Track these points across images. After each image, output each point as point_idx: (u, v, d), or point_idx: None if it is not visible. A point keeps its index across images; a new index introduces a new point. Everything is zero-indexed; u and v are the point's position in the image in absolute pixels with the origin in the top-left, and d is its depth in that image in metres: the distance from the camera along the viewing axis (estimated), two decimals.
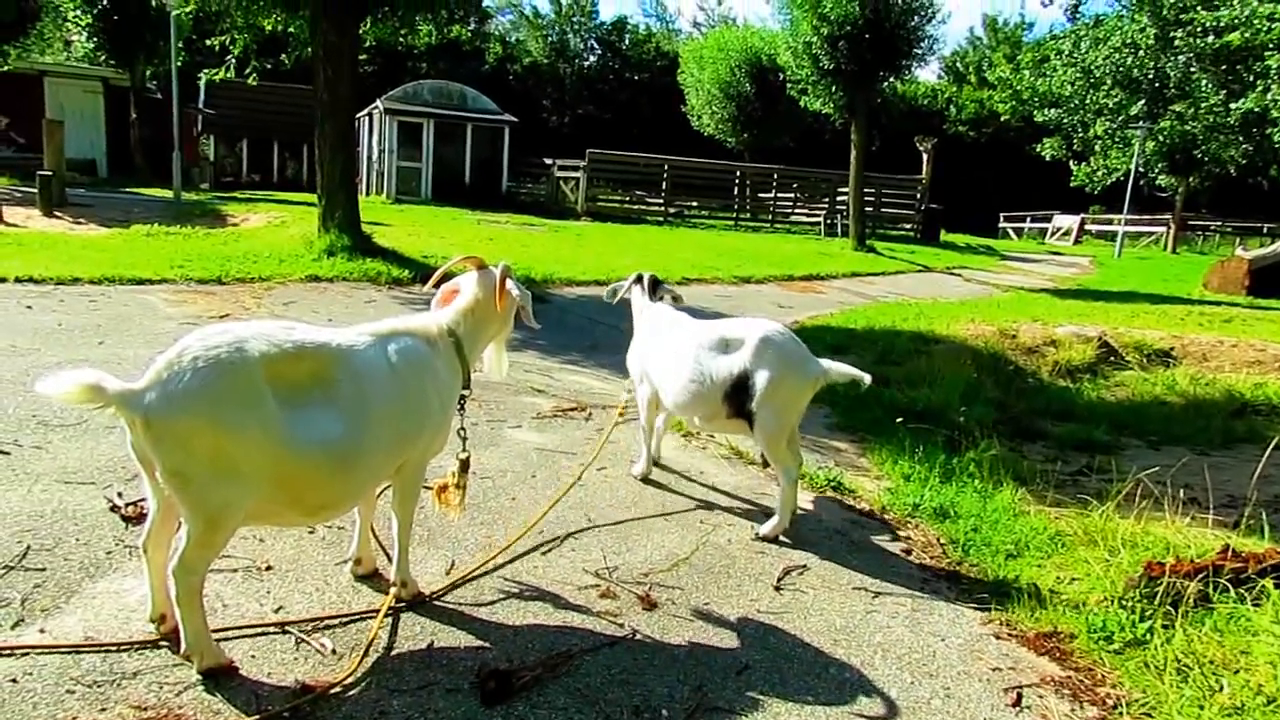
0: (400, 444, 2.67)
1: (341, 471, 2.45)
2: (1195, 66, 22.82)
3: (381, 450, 2.58)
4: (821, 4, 19.08)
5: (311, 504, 2.50)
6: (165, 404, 2.17)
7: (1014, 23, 61.43)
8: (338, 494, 2.52)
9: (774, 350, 3.74)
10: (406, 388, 2.68)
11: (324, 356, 2.47)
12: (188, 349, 2.23)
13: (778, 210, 29.26)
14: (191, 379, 2.18)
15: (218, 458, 2.21)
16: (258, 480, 2.28)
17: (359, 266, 10.23)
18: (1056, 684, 2.82)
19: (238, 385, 2.23)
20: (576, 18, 52.90)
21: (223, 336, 2.28)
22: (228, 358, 2.23)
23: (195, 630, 2.35)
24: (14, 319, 6.49)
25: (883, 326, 9.71)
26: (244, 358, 2.26)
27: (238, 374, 2.24)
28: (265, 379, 2.28)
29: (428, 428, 2.77)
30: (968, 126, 48.45)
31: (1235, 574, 3.15)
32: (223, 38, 12.25)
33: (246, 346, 2.28)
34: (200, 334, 2.29)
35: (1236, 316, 11.96)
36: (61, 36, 27.83)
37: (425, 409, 2.75)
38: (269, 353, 2.32)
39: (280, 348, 2.35)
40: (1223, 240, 36.46)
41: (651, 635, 2.87)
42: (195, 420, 2.18)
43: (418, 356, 2.76)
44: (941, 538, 4.05)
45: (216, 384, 2.20)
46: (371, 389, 2.54)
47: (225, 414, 2.20)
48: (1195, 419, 6.54)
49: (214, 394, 2.19)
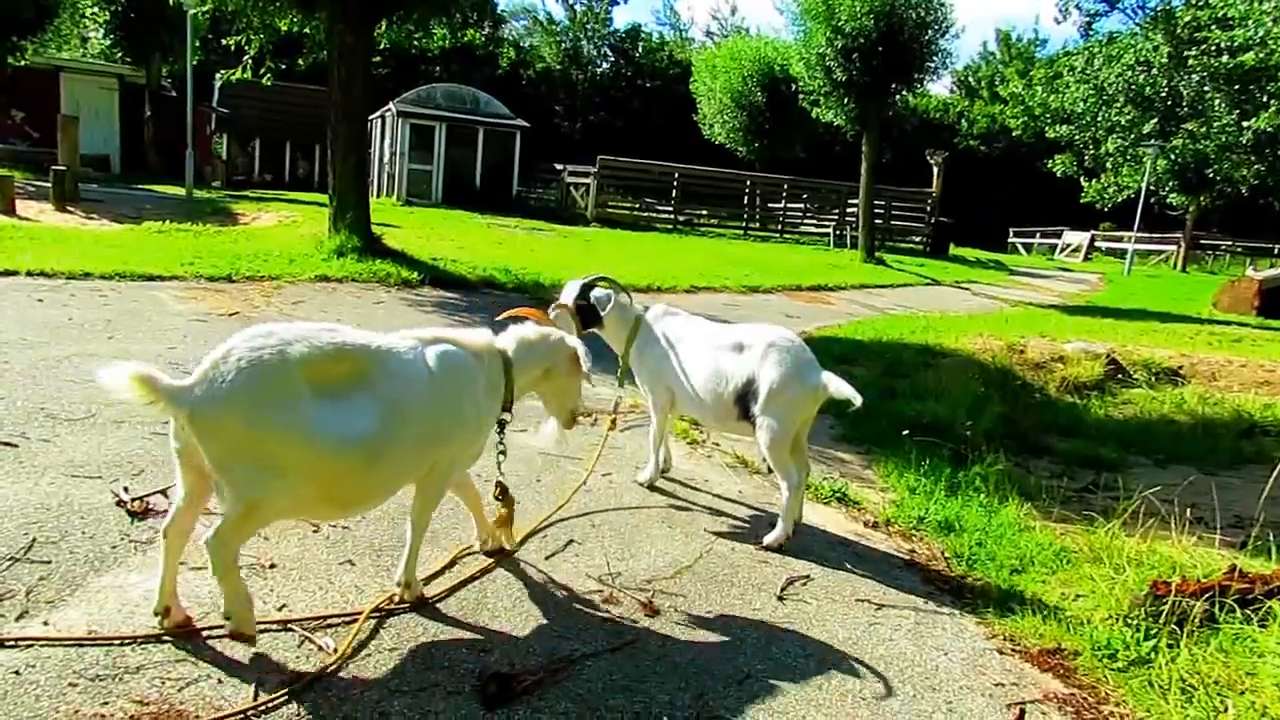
0: (429, 446, 2.75)
1: (370, 467, 2.54)
2: (1209, 85, 22.79)
3: (410, 449, 2.67)
4: (836, 16, 19.11)
5: (343, 499, 2.61)
6: (210, 402, 2.29)
7: (1027, 38, 61.37)
8: (366, 489, 2.63)
9: (780, 356, 3.80)
10: (442, 392, 2.76)
11: (363, 357, 2.58)
12: (233, 350, 2.35)
13: (787, 220, 29.26)
14: (235, 378, 2.30)
15: (258, 452, 2.33)
16: (295, 475, 2.40)
17: (368, 268, 10.26)
18: (1060, 701, 2.81)
19: (277, 384, 2.35)
20: (590, 25, 53.06)
21: (266, 339, 2.39)
22: (269, 358, 2.35)
23: (232, 595, 2.46)
24: (25, 312, 6.53)
25: (890, 339, 9.69)
26: (284, 358, 2.37)
27: (278, 374, 2.35)
28: (304, 379, 2.40)
29: (458, 435, 2.86)
30: (979, 141, 48.45)
31: (1242, 595, 3.13)
32: (239, 38, 12.32)
33: (288, 348, 2.40)
34: (246, 335, 2.40)
35: (1246, 336, 11.92)
36: (78, 33, 27.98)
37: (458, 416, 2.84)
38: (309, 354, 2.43)
39: (321, 349, 2.47)
40: (1233, 260, 36.32)
41: (654, 642, 2.86)
42: (237, 417, 2.30)
43: (458, 365, 2.86)
44: (946, 551, 4.04)
45: (258, 383, 2.32)
46: (406, 390, 2.65)
47: (264, 412, 2.32)
48: (1203, 438, 6.51)
49: (255, 393, 2.31)
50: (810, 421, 4.01)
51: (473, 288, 10.56)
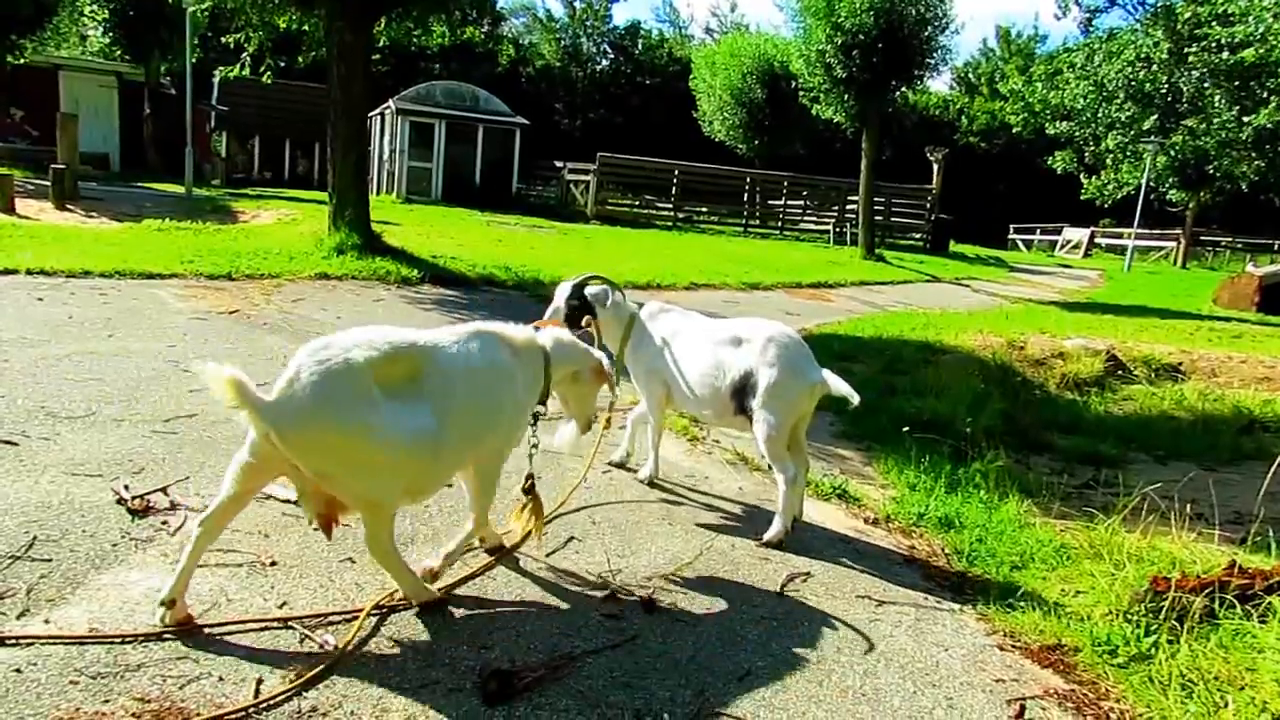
0: (476, 434, 2.92)
1: (433, 458, 2.70)
2: (1209, 82, 22.79)
3: (461, 439, 2.83)
4: (835, 12, 19.10)
5: (417, 489, 2.81)
6: (293, 418, 2.41)
7: (1027, 34, 61.46)
8: (434, 477, 2.83)
9: (778, 351, 3.82)
10: (487, 384, 2.94)
11: (414, 355, 2.73)
12: (301, 367, 2.47)
13: (787, 217, 29.27)
14: (311, 392, 2.43)
15: (350, 454, 2.48)
16: (384, 470, 2.56)
17: (368, 265, 10.26)
18: (1060, 697, 2.81)
19: (351, 390, 2.49)
20: (590, 22, 53.05)
21: (328, 349, 2.52)
22: (338, 367, 2.48)
23: (407, 583, 2.80)
24: (25, 311, 6.53)
25: (890, 335, 9.69)
26: (350, 365, 2.51)
27: (349, 380, 2.49)
28: (373, 381, 2.54)
29: (501, 423, 3.03)
30: (979, 138, 48.46)
31: (1241, 590, 3.14)
32: (238, 35, 12.31)
33: (352, 355, 2.53)
34: (309, 350, 2.53)
35: (1246, 332, 11.93)
36: (77, 31, 27.96)
37: (498, 405, 3.00)
38: (372, 357, 2.57)
39: (380, 351, 2.60)
40: (1233, 256, 36.37)
41: (654, 638, 2.87)
42: (323, 427, 2.43)
43: (496, 357, 3.02)
44: (946, 548, 4.04)
45: (334, 392, 2.45)
46: (456, 384, 2.81)
47: (345, 416, 2.46)
48: (1203, 434, 6.51)
49: (333, 401, 2.45)
50: (809, 418, 4.01)
51: (472, 285, 10.56)
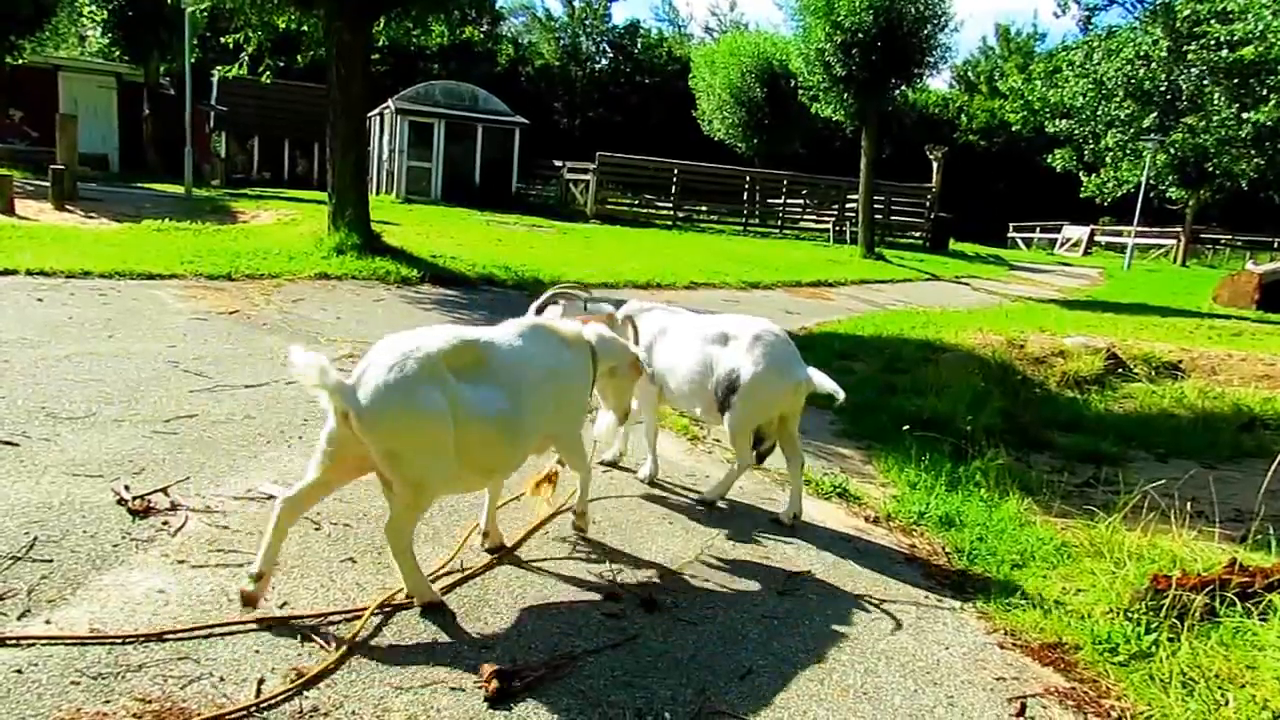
0: (544, 416, 3.13)
1: (509, 438, 2.93)
2: (1208, 79, 22.79)
3: (531, 422, 3.04)
4: (835, 11, 19.08)
5: (488, 467, 2.99)
6: (372, 401, 2.58)
7: (1026, 33, 61.44)
8: (506, 458, 3.03)
9: (763, 349, 3.88)
10: (544, 371, 3.13)
11: (479, 348, 2.93)
12: (379, 353, 2.68)
13: (787, 216, 29.26)
14: (389, 376, 2.61)
15: (421, 436, 2.65)
16: (454, 452, 2.73)
17: (368, 265, 10.26)
18: (1061, 695, 2.81)
19: (429, 376, 2.67)
20: (589, 21, 53.01)
21: (405, 341, 2.72)
22: (415, 356, 2.67)
23: (412, 579, 2.83)
24: (25, 311, 6.53)
25: (890, 334, 9.69)
26: (428, 354, 2.70)
27: (426, 367, 2.68)
28: (447, 368, 2.74)
29: (564, 407, 3.26)
30: (978, 136, 48.44)
31: (1242, 588, 3.14)
32: (237, 35, 12.29)
33: (426, 344, 2.73)
34: (386, 343, 2.74)
35: (1246, 330, 11.93)
36: (76, 31, 27.99)
37: (559, 390, 3.21)
38: (444, 347, 2.77)
39: (450, 343, 2.81)
40: (1233, 254, 36.37)
41: (655, 638, 2.87)
42: (400, 410, 2.60)
43: (555, 349, 3.24)
44: (947, 546, 4.04)
45: (412, 378, 2.63)
46: (520, 372, 3.01)
47: (422, 400, 2.64)
48: (1203, 432, 6.51)
49: (411, 386, 2.62)
50: (798, 415, 4.07)
51: (472, 285, 10.56)
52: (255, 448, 4.18)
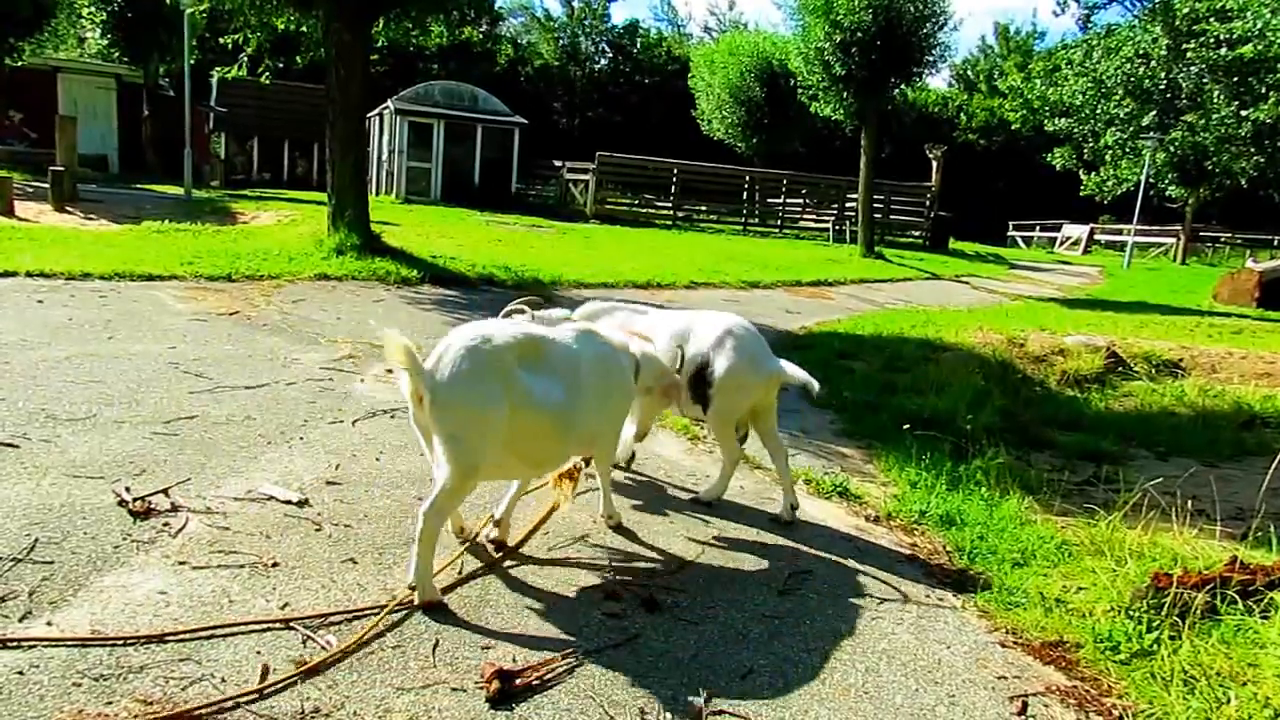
0: (593, 416, 3.29)
1: (561, 431, 3.11)
2: (1207, 77, 22.77)
3: (583, 418, 3.20)
4: (834, 10, 19.07)
5: (537, 459, 3.19)
6: (446, 384, 2.79)
7: (1026, 31, 61.45)
8: (555, 452, 3.22)
9: (734, 342, 3.96)
10: (598, 373, 3.31)
11: (541, 344, 3.11)
12: (453, 343, 2.87)
13: (787, 216, 29.24)
14: (462, 364, 2.81)
15: (482, 423, 2.83)
16: (509, 440, 2.92)
17: (368, 266, 10.26)
18: (1062, 693, 2.81)
19: (497, 366, 2.87)
20: (588, 21, 53.01)
21: (477, 332, 2.92)
22: (486, 347, 2.88)
23: (423, 568, 2.87)
24: (25, 313, 6.53)
25: (890, 333, 9.69)
26: (497, 346, 2.90)
27: (495, 357, 2.88)
28: (514, 361, 2.94)
29: (610, 407, 3.43)
30: (978, 135, 48.43)
31: (1243, 586, 3.13)
32: (236, 36, 12.29)
33: (496, 337, 2.92)
34: (459, 332, 2.93)
35: (1246, 328, 11.93)
36: (76, 33, 27.95)
37: (609, 390, 3.39)
38: (511, 342, 2.96)
39: (516, 338, 3.00)
40: (1233, 252, 36.35)
41: (656, 638, 2.87)
42: (467, 395, 2.81)
43: (607, 353, 3.44)
44: (948, 545, 4.04)
45: (482, 369, 2.84)
46: (576, 371, 3.19)
47: (488, 389, 2.84)
48: (1204, 430, 6.50)
49: (480, 374, 2.83)
50: (772, 407, 4.12)
51: (472, 285, 10.56)
52: (256, 449, 4.18)
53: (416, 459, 4.28)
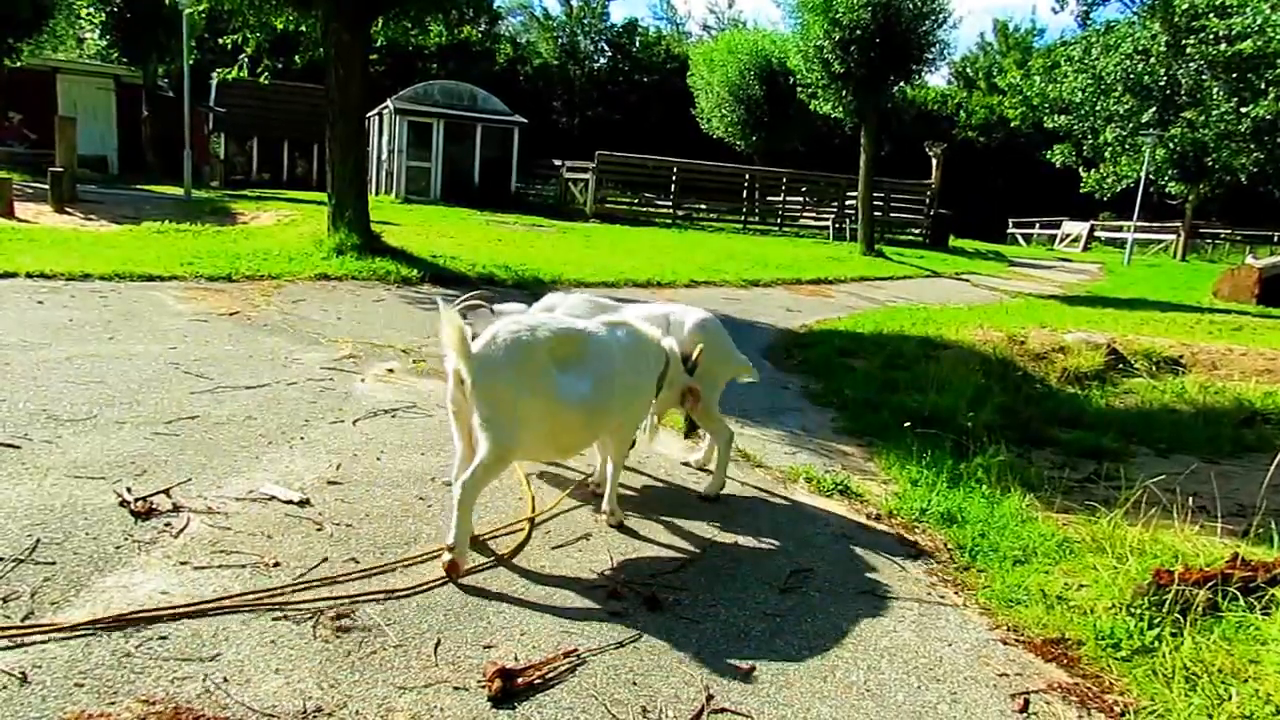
0: (618, 407, 3.44)
1: (585, 422, 3.30)
2: (1207, 74, 22.77)
3: (607, 409, 3.36)
4: (833, 8, 19.05)
5: (563, 445, 3.45)
6: (487, 369, 3.02)
7: (1025, 28, 61.38)
8: (580, 439, 3.45)
9: (709, 334, 4.22)
10: (626, 367, 3.47)
11: (579, 338, 3.30)
12: (498, 333, 3.08)
13: (786, 214, 29.23)
14: (503, 355, 3.03)
15: (516, 409, 3.05)
16: (540, 426, 3.14)
17: (368, 265, 10.26)
18: (1064, 690, 2.81)
19: (533, 358, 3.08)
20: (587, 19, 52.98)
21: (519, 325, 3.14)
22: (526, 339, 3.10)
23: (462, 533, 3.10)
24: (25, 314, 6.53)
25: (891, 331, 9.69)
26: (535, 339, 3.12)
27: (532, 350, 3.09)
28: (548, 354, 3.13)
29: (636, 398, 3.59)
30: (977, 132, 48.40)
31: (1244, 582, 3.14)
32: (235, 36, 12.28)
33: (536, 331, 3.14)
34: (503, 323, 3.14)
35: (1246, 325, 11.92)
36: (74, 34, 27.91)
37: (636, 382, 3.56)
38: (550, 336, 3.16)
39: (555, 332, 3.21)
40: (1233, 248, 36.30)
41: (658, 636, 2.87)
42: (506, 381, 3.04)
43: (638, 347, 3.60)
44: (949, 542, 4.04)
45: (520, 357, 3.06)
46: (607, 365, 3.35)
47: (523, 378, 3.06)
48: (1204, 427, 6.50)
49: (520, 363, 3.05)
50: None
51: (472, 285, 10.55)
52: (257, 449, 4.18)
53: (417, 458, 4.29)
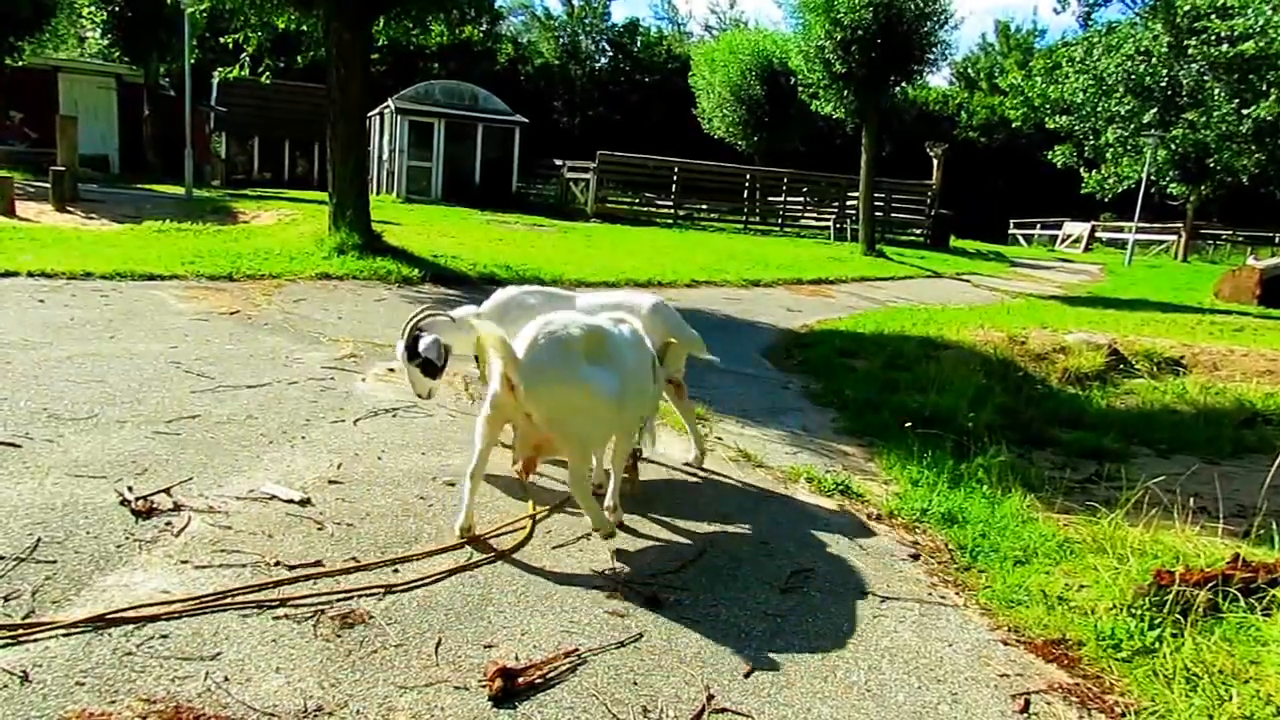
0: (633, 400, 3.53)
1: (618, 415, 3.40)
2: (1208, 75, 22.79)
3: (628, 402, 3.45)
4: (834, 8, 19.05)
5: (601, 439, 3.53)
6: (535, 373, 3.13)
7: (1026, 29, 61.38)
8: (608, 434, 3.56)
9: (664, 317, 4.36)
10: (639, 359, 3.59)
11: (603, 335, 3.39)
12: (538, 335, 3.19)
13: (787, 214, 29.24)
14: (547, 356, 3.15)
15: (572, 403, 3.18)
16: (594, 419, 3.26)
17: (369, 265, 10.26)
18: (1065, 691, 2.81)
19: (574, 353, 3.21)
20: (588, 19, 52.99)
21: (553, 325, 3.24)
22: (564, 337, 3.21)
23: (596, 515, 3.42)
24: (26, 313, 6.53)
25: (892, 331, 9.69)
26: (571, 337, 3.23)
27: (572, 346, 3.21)
28: (583, 351, 3.24)
29: (646, 392, 3.70)
30: (979, 132, 48.40)
31: (1245, 583, 3.14)
32: (236, 35, 12.29)
33: (570, 329, 3.25)
34: (536, 326, 3.25)
35: (1248, 326, 11.91)
36: (76, 32, 27.94)
37: (647, 377, 3.67)
38: (581, 335, 3.26)
39: (585, 330, 3.30)
40: (1234, 249, 36.29)
41: (659, 636, 2.87)
42: (557, 380, 3.15)
43: (639, 340, 3.69)
44: (950, 543, 4.04)
45: (564, 354, 3.18)
46: (626, 359, 3.46)
47: (572, 373, 3.18)
48: (1205, 428, 6.50)
49: (563, 361, 3.18)
50: None
51: (473, 284, 10.56)
52: (258, 448, 4.18)
53: (418, 457, 4.29)
